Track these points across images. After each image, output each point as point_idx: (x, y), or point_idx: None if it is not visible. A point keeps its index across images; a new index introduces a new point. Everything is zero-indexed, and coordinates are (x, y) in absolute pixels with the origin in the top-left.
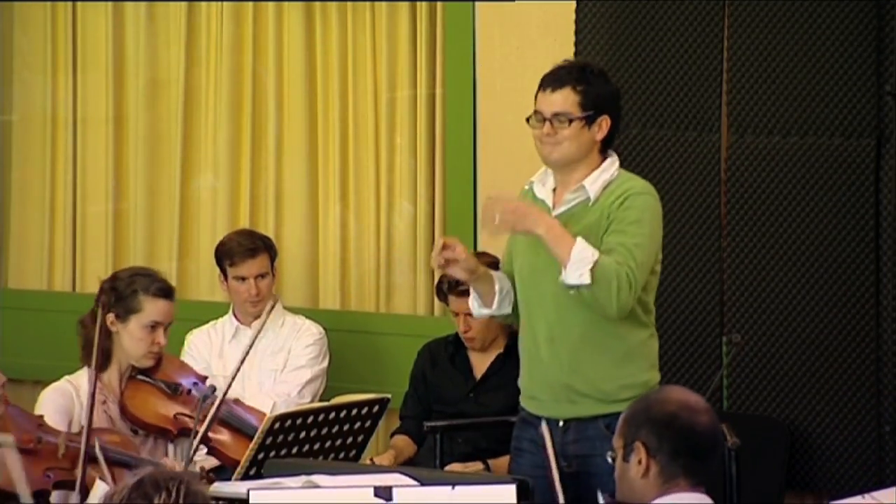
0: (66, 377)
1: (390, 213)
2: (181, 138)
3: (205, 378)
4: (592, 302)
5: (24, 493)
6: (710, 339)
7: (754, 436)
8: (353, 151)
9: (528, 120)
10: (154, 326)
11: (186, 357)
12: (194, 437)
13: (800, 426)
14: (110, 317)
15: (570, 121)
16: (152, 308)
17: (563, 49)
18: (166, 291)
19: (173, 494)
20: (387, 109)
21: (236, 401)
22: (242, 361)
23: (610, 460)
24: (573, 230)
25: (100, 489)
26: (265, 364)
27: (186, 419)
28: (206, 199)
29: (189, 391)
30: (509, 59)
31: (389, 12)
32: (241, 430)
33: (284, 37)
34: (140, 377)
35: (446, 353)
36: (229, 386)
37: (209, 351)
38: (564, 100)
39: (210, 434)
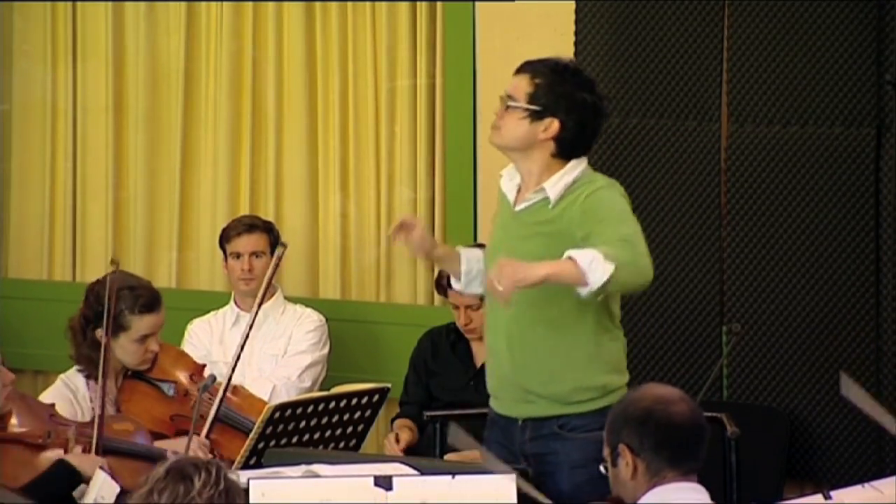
0: (62, 377)
1: (390, 202)
2: (181, 127)
3: (202, 367)
4: (631, 279)
5: None
6: (709, 328)
7: (754, 425)
8: (354, 140)
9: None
10: (144, 338)
11: (187, 346)
12: (193, 432)
13: (800, 415)
14: (99, 332)
15: (509, 107)
16: (140, 324)
17: (563, 38)
18: (151, 305)
19: (213, 475)
20: (387, 98)
21: (235, 390)
22: (242, 347)
23: (603, 471)
24: (533, 230)
25: (100, 478)
26: (266, 349)
27: (183, 421)
28: (206, 189)
29: (186, 392)
30: (509, 49)
31: (390, 5)
32: (238, 429)
33: (284, 25)
34: (136, 377)
35: (447, 341)
36: (229, 379)
37: (209, 339)
38: (517, 85)
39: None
